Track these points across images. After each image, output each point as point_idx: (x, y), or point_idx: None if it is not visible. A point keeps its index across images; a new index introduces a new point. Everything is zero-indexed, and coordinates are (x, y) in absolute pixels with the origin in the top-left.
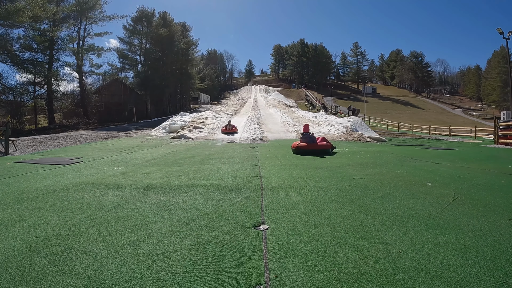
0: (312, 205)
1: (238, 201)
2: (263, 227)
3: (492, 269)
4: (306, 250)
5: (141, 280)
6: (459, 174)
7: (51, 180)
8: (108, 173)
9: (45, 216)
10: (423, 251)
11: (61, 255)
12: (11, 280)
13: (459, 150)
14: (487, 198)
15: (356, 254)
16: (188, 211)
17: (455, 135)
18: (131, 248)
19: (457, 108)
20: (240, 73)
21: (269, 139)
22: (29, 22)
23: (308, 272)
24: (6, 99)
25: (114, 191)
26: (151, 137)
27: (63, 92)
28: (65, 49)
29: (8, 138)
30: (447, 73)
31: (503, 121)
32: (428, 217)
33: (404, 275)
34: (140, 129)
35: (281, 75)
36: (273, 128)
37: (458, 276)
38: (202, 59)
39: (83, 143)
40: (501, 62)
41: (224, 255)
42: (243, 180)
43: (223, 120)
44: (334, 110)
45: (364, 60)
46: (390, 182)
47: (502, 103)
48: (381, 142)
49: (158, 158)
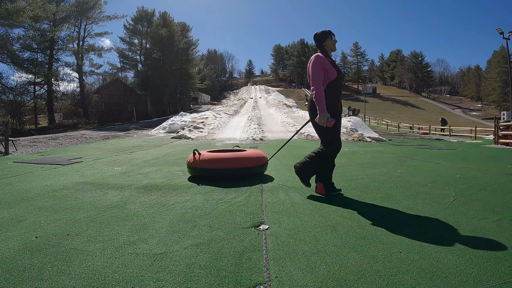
0: (312, 205)
1: (238, 201)
2: (263, 227)
3: (492, 269)
4: (306, 250)
5: (141, 280)
6: (459, 174)
7: (51, 180)
8: (108, 173)
9: (45, 216)
10: (423, 251)
11: (61, 255)
12: (11, 280)
13: (459, 150)
14: (487, 198)
15: (356, 254)
16: (188, 211)
17: (455, 135)
18: (131, 248)
19: (457, 108)
20: (240, 73)
21: (269, 139)
22: (29, 22)
23: (308, 272)
24: (6, 99)
25: (114, 191)
26: (151, 137)
27: (63, 92)
28: (65, 49)
29: (8, 138)
30: (447, 73)
31: (503, 121)
32: (428, 217)
33: (404, 275)
34: (140, 129)
35: (281, 75)
36: (273, 128)
37: (458, 276)
38: (202, 59)
39: (83, 143)
40: (501, 62)
41: (224, 255)
42: (243, 180)
43: (223, 120)
44: None
45: (364, 60)
46: (390, 182)
47: (502, 103)
48: (381, 142)
49: (158, 158)
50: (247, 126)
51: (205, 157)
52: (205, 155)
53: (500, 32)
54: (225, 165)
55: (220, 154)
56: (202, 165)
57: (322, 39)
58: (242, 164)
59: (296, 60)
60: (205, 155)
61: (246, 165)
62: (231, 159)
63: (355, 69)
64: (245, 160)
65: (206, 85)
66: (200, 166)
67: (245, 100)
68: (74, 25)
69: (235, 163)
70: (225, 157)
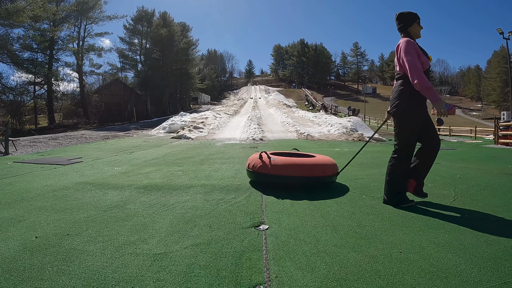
0: (312, 205)
1: (238, 201)
2: (263, 227)
3: (492, 269)
4: (306, 250)
5: (141, 280)
6: (459, 174)
7: (51, 180)
8: (108, 173)
9: (45, 216)
10: (423, 251)
11: (61, 255)
12: (11, 280)
13: (459, 150)
14: (487, 198)
15: (356, 254)
16: (188, 211)
17: (455, 135)
18: (131, 248)
19: (457, 108)
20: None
21: (269, 139)
22: (29, 22)
23: (308, 272)
24: (6, 99)
25: (114, 191)
26: (151, 137)
27: (63, 92)
28: (65, 49)
29: (8, 138)
30: (447, 73)
31: (503, 121)
32: (428, 217)
33: (404, 275)
34: (140, 129)
35: (281, 75)
36: (273, 128)
37: (458, 276)
38: (202, 59)
39: (83, 143)
40: (501, 62)
41: (224, 255)
42: (243, 180)
43: (223, 120)
44: (334, 110)
45: (364, 60)
46: None
47: (502, 103)
48: (381, 142)
49: (158, 158)
50: (247, 126)
51: (278, 161)
52: (278, 160)
53: (500, 32)
54: (301, 172)
55: (294, 159)
56: (275, 171)
57: (409, 23)
58: (319, 171)
59: (296, 60)
60: (278, 159)
61: (325, 173)
62: (309, 165)
63: (355, 69)
64: (322, 167)
65: (206, 85)
66: (271, 172)
67: (245, 100)
68: (74, 25)
69: (312, 171)
70: (302, 163)
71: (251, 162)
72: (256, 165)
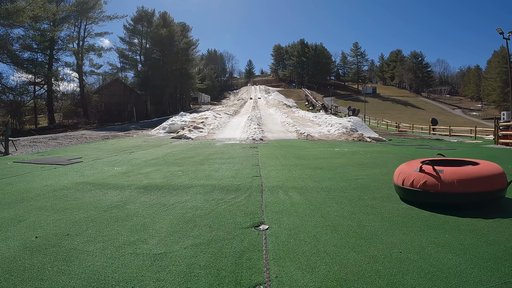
0: (312, 205)
1: (238, 201)
2: (263, 227)
3: (492, 269)
4: (306, 250)
5: (141, 280)
6: None
7: (51, 180)
8: (108, 173)
9: (45, 216)
10: (423, 251)
11: (61, 255)
12: (11, 280)
13: (459, 150)
14: None
15: (356, 254)
16: (188, 211)
17: (455, 135)
18: (131, 248)
19: (457, 108)
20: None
21: (269, 139)
22: (29, 22)
23: (308, 272)
24: (6, 99)
25: (114, 191)
26: (151, 137)
27: (63, 92)
28: (65, 49)
29: (8, 138)
30: (447, 73)
31: (503, 121)
32: (428, 217)
33: (404, 275)
34: (140, 129)
35: (281, 75)
36: (273, 128)
37: (458, 276)
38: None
39: (83, 143)
40: (501, 62)
41: (224, 255)
42: (243, 180)
43: (223, 120)
44: (334, 110)
45: (364, 60)
46: (390, 182)
47: (502, 103)
48: (381, 142)
49: (158, 158)
50: (247, 126)
51: (449, 175)
52: (449, 172)
53: (500, 32)
54: (482, 187)
55: (469, 169)
56: (446, 187)
57: None
58: (498, 184)
59: (296, 60)
60: (448, 171)
61: (503, 184)
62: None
63: (355, 69)
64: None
65: (206, 85)
66: (442, 190)
67: (245, 100)
68: (74, 25)
69: (491, 183)
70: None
71: (406, 177)
72: (417, 181)
